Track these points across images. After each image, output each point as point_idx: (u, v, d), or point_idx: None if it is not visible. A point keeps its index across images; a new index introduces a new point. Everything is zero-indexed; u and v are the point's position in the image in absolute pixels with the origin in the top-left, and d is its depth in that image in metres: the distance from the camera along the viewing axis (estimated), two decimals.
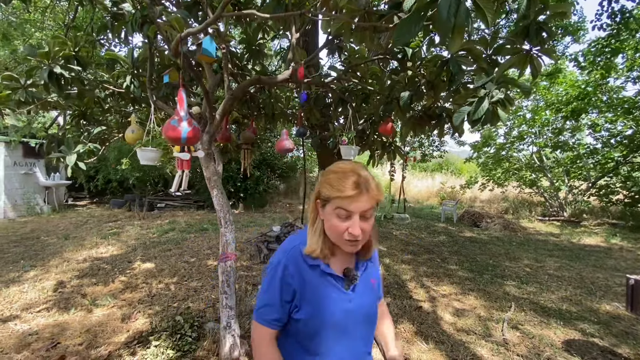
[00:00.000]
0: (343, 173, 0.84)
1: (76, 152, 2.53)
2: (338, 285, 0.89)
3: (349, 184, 0.81)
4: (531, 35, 1.83)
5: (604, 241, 6.83)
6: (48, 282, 3.75)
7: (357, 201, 0.81)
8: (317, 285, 0.87)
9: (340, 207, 0.82)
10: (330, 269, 0.89)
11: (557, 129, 9.60)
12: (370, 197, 0.83)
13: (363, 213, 0.83)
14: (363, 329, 0.92)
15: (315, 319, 0.86)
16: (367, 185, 0.83)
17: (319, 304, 0.86)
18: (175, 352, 2.37)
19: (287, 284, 0.87)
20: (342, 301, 0.88)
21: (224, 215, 2.35)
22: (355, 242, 0.84)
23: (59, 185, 9.18)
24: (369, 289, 0.94)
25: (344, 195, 0.81)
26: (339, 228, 0.83)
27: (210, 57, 1.92)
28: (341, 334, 0.88)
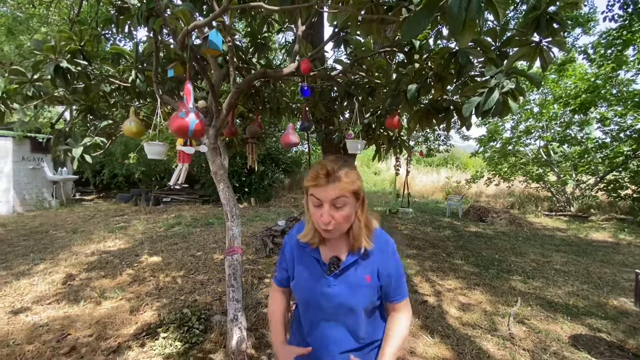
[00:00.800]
0: (318, 165, 0.93)
1: (83, 144, 2.55)
2: (321, 270, 0.99)
3: (317, 174, 0.90)
4: (542, 26, 1.79)
5: (612, 236, 6.76)
6: (57, 275, 3.81)
7: (324, 190, 0.89)
8: (305, 264, 1.02)
9: (313, 194, 0.92)
10: (317, 254, 1.01)
11: (565, 122, 9.47)
12: (337, 186, 0.89)
13: (333, 202, 0.90)
14: (343, 316, 0.98)
15: (299, 291, 1.02)
16: (335, 176, 0.89)
17: (302, 280, 1.01)
18: (183, 344, 2.40)
19: (285, 258, 1.09)
20: (322, 284, 0.97)
21: (230, 209, 2.36)
22: (329, 230, 0.92)
23: (67, 180, 9.28)
24: (353, 282, 0.97)
25: (313, 184, 0.91)
26: (315, 215, 0.93)
27: (217, 51, 1.90)
28: (320, 312, 0.99)
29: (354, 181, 0.92)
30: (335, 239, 0.99)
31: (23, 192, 8.20)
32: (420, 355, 2.42)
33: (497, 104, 1.74)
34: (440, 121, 2.33)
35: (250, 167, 3.43)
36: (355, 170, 0.97)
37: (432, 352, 2.45)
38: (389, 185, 14.57)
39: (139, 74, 2.76)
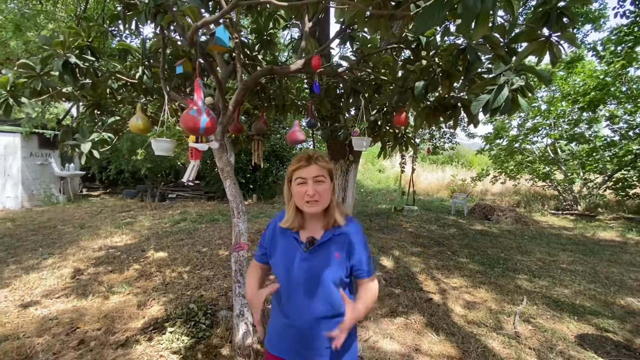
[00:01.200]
0: (300, 154, 1.17)
1: (90, 140, 2.57)
2: (300, 247, 1.16)
3: (300, 158, 1.13)
4: (551, 20, 1.76)
5: (620, 236, 6.69)
6: (66, 270, 3.86)
7: (307, 170, 1.11)
8: (284, 243, 1.19)
9: (298, 176, 1.12)
10: (297, 235, 1.18)
11: (574, 120, 9.35)
12: (318, 166, 1.12)
13: (315, 178, 1.11)
14: (317, 285, 1.13)
15: (279, 264, 1.17)
16: (314, 159, 1.13)
17: (282, 256, 1.17)
18: (189, 338, 2.43)
19: (265, 239, 1.27)
20: (300, 259, 1.14)
21: (237, 206, 2.37)
22: (314, 202, 1.11)
23: (74, 176, 9.38)
24: (327, 257, 1.14)
25: (298, 166, 1.12)
26: (300, 193, 1.11)
27: (224, 47, 1.91)
28: (297, 284, 1.14)
29: (328, 163, 1.16)
30: (313, 222, 1.18)
31: (31, 188, 8.30)
32: (425, 352, 2.42)
33: (507, 101, 1.72)
34: (447, 118, 2.31)
35: (255, 164, 3.44)
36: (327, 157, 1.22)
37: (437, 350, 2.45)
38: (394, 182, 14.53)
39: (146, 71, 2.78)
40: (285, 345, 1.17)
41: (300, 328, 1.13)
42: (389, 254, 4.78)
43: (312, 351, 1.13)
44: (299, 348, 1.14)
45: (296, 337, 1.14)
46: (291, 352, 1.16)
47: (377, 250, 4.94)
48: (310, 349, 1.13)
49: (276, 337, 1.20)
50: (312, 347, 1.13)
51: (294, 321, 1.14)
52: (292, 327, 1.14)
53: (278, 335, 1.19)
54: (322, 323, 1.12)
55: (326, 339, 1.10)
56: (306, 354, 1.14)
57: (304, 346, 1.14)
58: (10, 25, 7.05)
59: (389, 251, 4.94)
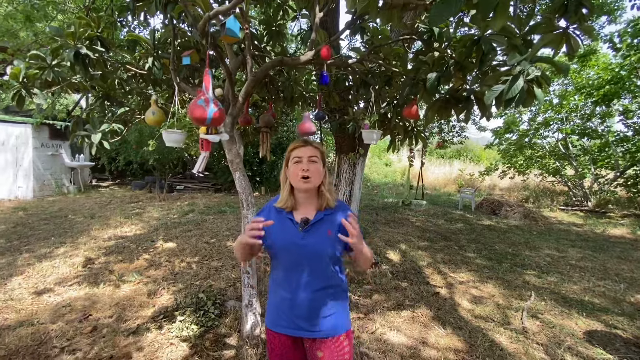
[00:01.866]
0: (295, 140, 1.30)
1: (101, 131, 2.59)
2: (295, 227, 1.24)
3: (297, 141, 1.28)
4: (570, 11, 1.71)
5: (630, 233, 6.59)
6: (77, 258, 3.94)
7: (304, 150, 1.24)
8: (280, 224, 1.24)
9: (295, 156, 1.24)
10: (291, 215, 1.26)
11: (587, 114, 9.14)
12: (312, 147, 1.25)
13: (309, 158, 1.22)
14: (313, 263, 1.22)
15: (276, 243, 1.24)
16: (310, 141, 1.27)
17: (279, 235, 1.23)
18: (199, 327, 2.47)
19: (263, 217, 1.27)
20: (295, 237, 1.22)
21: (246, 198, 2.38)
22: (307, 179, 1.21)
23: (84, 167, 9.50)
24: (320, 235, 1.22)
25: (295, 146, 1.26)
26: (296, 170, 1.22)
27: (234, 38, 1.89)
28: (294, 261, 1.23)
29: (322, 147, 1.29)
30: (306, 203, 1.27)
31: (42, 178, 8.44)
32: (432, 345, 2.43)
33: (522, 92, 1.68)
34: (459, 111, 2.27)
35: (263, 156, 3.44)
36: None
37: (444, 343, 2.46)
38: (400, 176, 14.45)
39: (155, 62, 2.78)
40: (285, 320, 1.25)
41: (299, 301, 1.22)
42: (396, 248, 4.77)
43: (310, 322, 1.23)
44: (298, 321, 1.23)
45: (295, 310, 1.23)
46: (290, 326, 1.25)
47: (383, 244, 4.94)
48: (307, 319, 1.23)
49: (276, 314, 1.28)
50: (310, 317, 1.23)
51: (294, 295, 1.23)
52: (292, 300, 1.23)
53: (277, 312, 1.27)
54: (318, 295, 1.23)
55: (322, 310, 1.23)
56: (304, 325, 1.23)
57: (302, 318, 1.23)
58: (20, 16, 7.08)
59: (396, 245, 4.94)
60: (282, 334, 1.26)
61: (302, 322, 1.23)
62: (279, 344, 1.28)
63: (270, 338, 1.30)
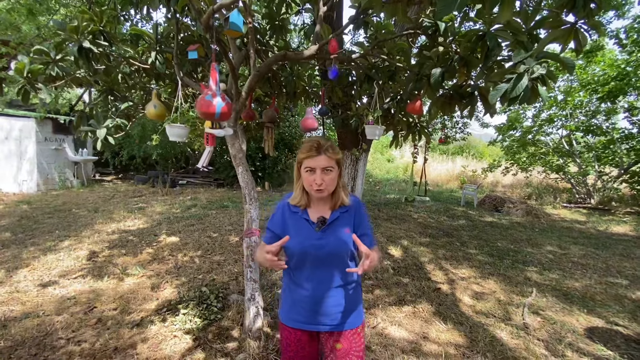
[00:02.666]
0: (309, 141, 1.18)
1: (106, 126, 2.60)
2: (311, 227, 1.23)
3: (310, 147, 1.16)
4: (578, 6, 1.69)
5: (633, 230, 6.56)
6: (82, 252, 3.98)
7: (316, 160, 1.15)
8: (296, 224, 1.24)
9: (307, 165, 1.16)
10: (307, 215, 1.25)
11: (591, 111, 9.06)
12: (326, 157, 1.16)
13: (323, 168, 1.15)
14: (331, 262, 1.23)
15: (294, 246, 1.21)
16: (323, 149, 1.15)
17: (296, 237, 1.20)
18: (202, 320, 2.50)
19: (276, 224, 1.29)
20: (312, 238, 1.21)
21: (249, 192, 2.39)
22: (320, 190, 1.17)
23: (87, 161, 9.55)
24: (337, 234, 1.22)
25: (307, 155, 1.16)
26: (308, 180, 1.18)
27: (238, 32, 1.89)
28: (312, 260, 1.22)
29: (337, 153, 1.20)
30: (320, 202, 1.26)
31: (46, 172, 8.49)
32: (433, 340, 2.44)
33: (526, 90, 1.67)
34: (463, 107, 2.26)
35: (267, 152, 3.44)
36: (336, 145, 1.23)
37: (444, 338, 2.47)
38: (403, 172, 14.43)
39: (158, 56, 2.78)
40: (303, 316, 1.27)
41: (317, 297, 1.24)
42: (398, 244, 4.78)
43: (330, 316, 1.25)
44: (318, 316, 1.25)
45: (315, 307, 1.25)
46: (309, 322, 1.26)
47: (385, 240, 4.95)
48: (324, 314, 1.25)
49: (293, 310, 1.29)
50: (327, 312, 1.25)
51: (314, 292, 1.24)
52: (312, 297, 1.25)
53: (295, 308, 1.28)
54: (338, 291, 1.25)
55: (338, 304, 1.25)
56: (324, 320, 1.26)
57: (322, 314, 1.25)
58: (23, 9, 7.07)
59: (398, 241, 4.95)
60: (299, 329, 1.28)
61: (322, 317, 1.25)
62: (295, 339, 1.29)
63: (286, 334, 1.31)
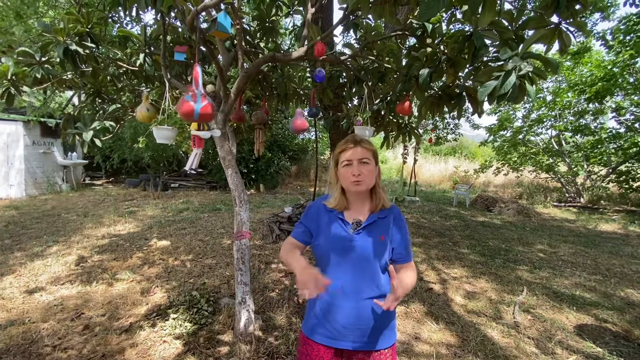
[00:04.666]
0: (346, 138, 1.21)
1: (92, 128, 2.57)
2: (346, 228, 1.18)
3: (347, 141, 1.18)
4: (562, 6, 1.72)
5: (622, 228, 6.68)
6: (70, 257, 3.91)
7: (354, 151, 1.15)
8: (331, 223, 1.20)
9: (345, 158, 1.16)
10: (342, 215, 1.21)
11: (580, 111, 9.22)
12: (362, 148, 1.16)
13: (360, 160, 1.15)
14: (362, 268, 1.16)
15: (325, 244, 1.19)
16: (359, 141, 1.17)
17: (329, 235, 1.19)
18: (192, 324, 2.46)
19: (309, 215, 1.26)
20: (346, 239, 1.16)
21: (239, 195, 2.37)
22: (359, 182, 1.13)
23: (76, 165, 9.41)
24: (372, 238, 1.17)
25: (344, 147, 1.17)
26: (347, 174, 1.15)
27: (225, 33, 1.87)
28: (343, 264, 1.17)
29: (373, 146, 1.20)
30: (359, 203, 1.21)
31: (34, 176, 8.34)
32: (424, 340, 2.45)
33: (514, 87, 1.69)
34: (452, 107, 2.28)
35: (257, 152, 3.43)
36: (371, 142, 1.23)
37: (436, 338, 2.48)
38: (396, 173, 14.50)
39: (147, 58, 2.75)
40: (328, 329, 1.17)
41: (347, 310, 1.15)
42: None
43: (355, 331, 1.15)
44: (344, 331, 1.15)
45: (342, 319, 1.15)
46: (334, 336, 1.16)
47: None
48: (354, 330, 1.15)
49: (317, 321, 1.19)
50: (356, 326, 1.15)
51: (341, 301, 1.15)
52: (339, 306, 1.15)
53: (319, 319, 1.19)
54: (367, 303, 1.15)
55: (371, 319, 1.15)
56: (350, 336, 1.15)
57: (349, 328, 1.15)
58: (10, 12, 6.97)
59: None
60: (323, 344, 1.18)
61: (348, 332, 1.15)
62: (317, 355, 1.19)
63: (307, 347, 1.22)
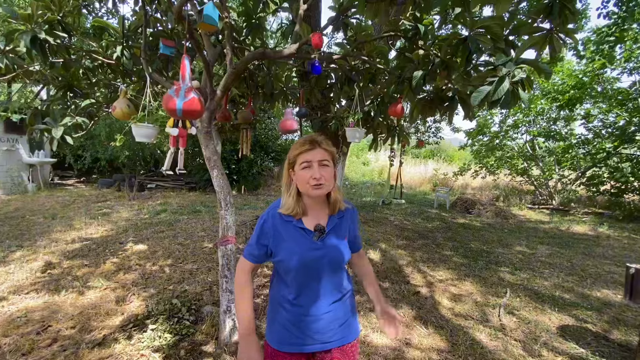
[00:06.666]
0: (302, 138, 1.12)
1: (63, 124, 2.37)
2: (308, 237, 1.11)
3: (304, 141, 1.09)
4: (554, 13, 1.74)
5: (592, 229, 6.99)
6: (36, 263, 3.62)
7: (312, 153, 1.07)
8: (292, 236, 1.11)
9: (303, 160, 1.07)
10: (302, 224, 1.12)
11: (553, 118, 9.64)
12: (322, 150, 1.08)
13: (320, 162, 1.07)
14: (330, 274, 1.14)
15: (289, 260, 1.10)
16: (318, 142, 1.08)
17: (291, 249, 1.10)
18: (173, 335, 2.31)
19: (264, 233, 1.14)
20: (311, 249, 1.10)
21: (225, 197, 2.26)
22: (319, 186, 1.06)
23: (44, 163, 8.85)
24: (337, 241, 1.14)
25: (302, 149, 1.08)
26: (305, 177, 1.07)
27: (213, 26, 1.77)
28: (311, 274, 1.11)
29: (332, 147, 1.13)
30: (316, 207, 1.15)
31: None
32: (415, 346, 2.41)
33: (507, 94, 1.69)
34: (444, 111, 2.26)
35: (243, 154, 3.31)
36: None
37: (427, 343, 2.45)
38: (378, 175, 14.63)
39: (125, 51, 2.58)
40: (299, 338, 1.14)
41: (318, 317, 1.14)
42: (376, 247, 4.78)
43: (324, 333, 1.15)
44: (316, 336, 1.14)
45: (311, 325, 1.13)
46: (306, 343, 1.14)
47: (363, 243, 4.90)
48: (322, 332, 1.14)
49: (285, 333, 1.15)
50: (325, 329, 1.15)
51: (311, 310, 1.13)
52: (308, 315, 1.13)
53: (288, 331, 1.14)
54: (336, 306, 1.16)
55: (335, 318, 1.15)
56: (322, 339, 1.15)
57: (317, 331, 1.14)
58: None
59: (376, 244, 4.95)
60: (295, 352, 1.15)
61: (320, 335, 1.14)
62: None
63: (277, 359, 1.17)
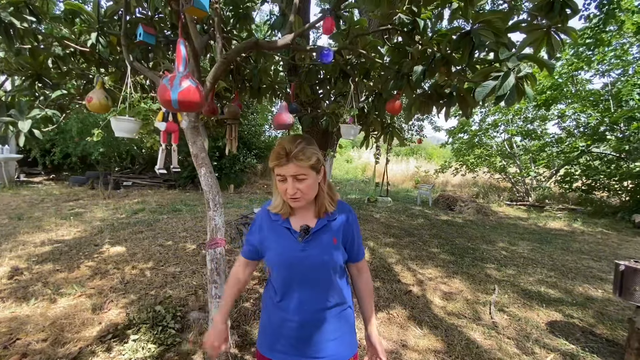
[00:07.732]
0: (278, 146, 1.01)
1: (31, 117, 2.14)
2: (292, 237, 1.08)
3: (278, 154, 0.99)
4: (555, 10, 1.71)
5: (567, 225, 7.27)
6: (1, 269, 3.32)
7: (286, 168, 0.99)
8: (277, 235, 1.10)
9: (277, 173, 1.02)
10: (288, 224, 1.10)
11: (530, 117, 9.95)
12: (296, 164, 0.98)
13: (295, 176, 0.99)
14: (316, 277, 1.07)
15: (274, 259, 1.09)
16: (292, 155, 0.97)
17: (276, 248, 1.09)
18: (157, 346, 2.15)
19: (254, 235, 1.16)
20: (295, 250, 1.06)
21: (213, 197, 2.11)
22: (295, 199, 1.02)
23: (8, 159, 8.24)
24: (323, 244, 1.07)
25: (275, 163, 1.00)
26: (281, 189, 1.04)
27: (203, 11, 1.62)
28: (295, 276, 1.07)
29: (310, 157, 1.00)
30: (303, 209, 1.10)
31: None
32: (412, 348, 2.37)
33: (512, 89, 1.65)
34: (441, 107, 2.21)
35: (229, 150, 3.15)
36: (313, 146, 1.03)
37: (423, 344, 2.41)
38: (361, 173, 14.67)
39: (100, 38, 2.36)
40: (283, 344, 1.08)
41: (300, 321, 1.06)
42: (365, 245, 4.73)
43: (312, 347, 1.06)
44: (298, 344, 1.07)
45: (295, 332, 1.07)
46: (290, 352, 1.07)
47: None
48: (310, 344, 1.06)
49: (272, 337, 1.11)
50: (313, 341, 1.06)
51: (294, 315, 1.07)
52: (291, 321, 1.07)
53: (274, 335, 1.10)
54: (323, 314, 1.08)
55: (325, 331, 1.07)
56: (306, 350, 1.06)
57: (303, 341, 1.06)
58: None
59: (364, 242, 4.88)
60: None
61: (304, 346, 1.06)
62: None
63: None
